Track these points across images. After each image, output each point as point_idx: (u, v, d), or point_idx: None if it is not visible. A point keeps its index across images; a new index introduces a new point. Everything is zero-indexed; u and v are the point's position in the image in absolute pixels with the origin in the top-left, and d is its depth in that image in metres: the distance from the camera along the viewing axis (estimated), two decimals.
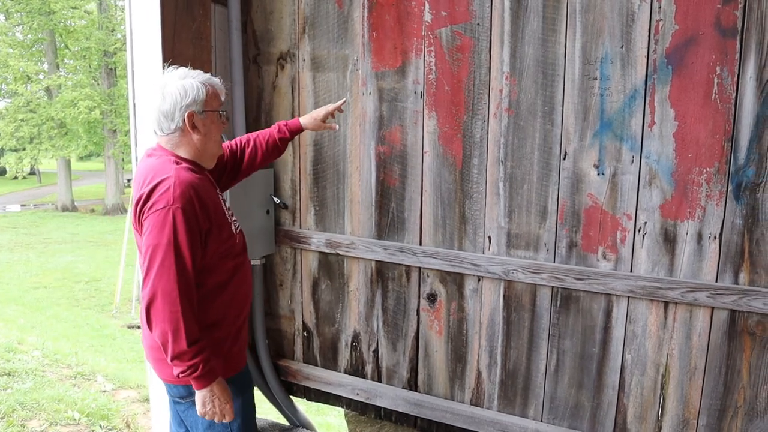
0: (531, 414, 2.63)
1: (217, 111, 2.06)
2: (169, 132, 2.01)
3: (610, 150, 2.30)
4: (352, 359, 3.04)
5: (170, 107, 1.97)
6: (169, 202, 1.85)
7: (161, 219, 1.85)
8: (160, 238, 1.84)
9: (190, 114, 1.98)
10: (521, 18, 2.38)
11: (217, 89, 2.07)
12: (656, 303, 2.32)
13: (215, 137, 2.07)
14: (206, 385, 1.93)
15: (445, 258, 2.66)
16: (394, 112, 2.70)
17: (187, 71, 2.04)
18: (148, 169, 1.97)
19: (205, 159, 2.09)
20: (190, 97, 1.97)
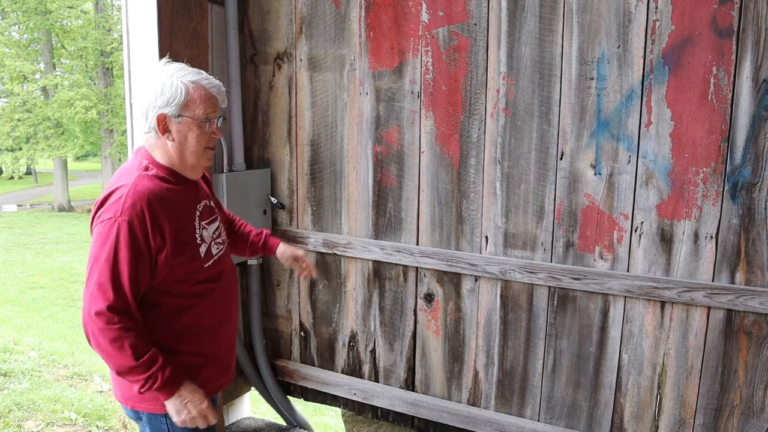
0: (528, 414, 2.63)
1: (200, 119, 1.80)
2: (146, 132, 1.83)
3: (607, 150, 2.31)
4: (350, 359, 3.04)
5: (145, 105, 1.80)
6: (116, 213, 1.69)
7: (105, 230, 1.69)
8: (100, 251, 1.69)
9: (161, 116, 1.78)
10: (518, 18, 2.38)
11: (207, 94, 1.82)
12: (653, 303, 2.32)
13: (193, 147, 1.82)
14: (172, 392, 1.78)
15: (442, 258, 2.66)
16: (391, 112, 2.70)
17: (181, 68, 1.82)
18: (118, 173, 1.84)
19: (184, 169, 1.87)
20: (165, 97, 1.77)
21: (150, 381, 1.72)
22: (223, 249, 2.00)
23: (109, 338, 1.68)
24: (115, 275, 1.68)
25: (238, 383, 3.22)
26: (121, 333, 1.68)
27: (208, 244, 1.90)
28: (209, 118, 1.83)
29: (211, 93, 1.84)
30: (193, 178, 1.92)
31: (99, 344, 1.70)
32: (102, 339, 1.68)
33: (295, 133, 2.97)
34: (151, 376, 1.72)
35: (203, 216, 1.92)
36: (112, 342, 1.68)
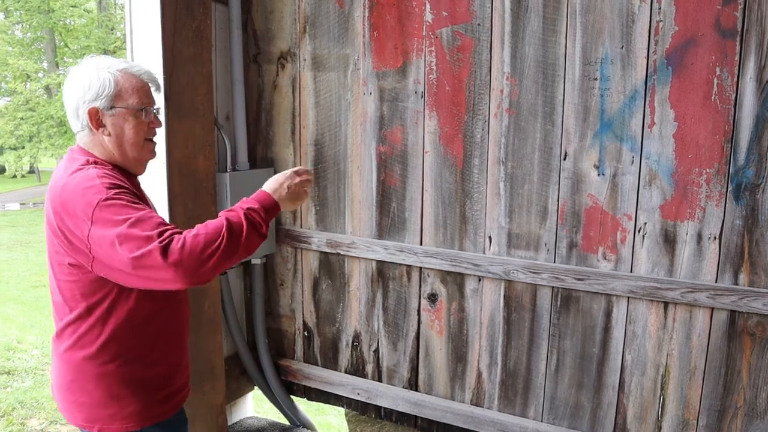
0: (531, 414, 2.63)
1: (135, 108, 1.72)
2: (79, 130, 1.73)
3: (611, 150, 2.31)
4: (353, 359, 3.04)
5: (74, 102, 1.70)
6: (100, 192, 1.56)
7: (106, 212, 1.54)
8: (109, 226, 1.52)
9: (92, 110, 1.68)
10: (522, 18, 2.38)
11: (138, 82, 1.73)
12: (656, 303, 2.32)
13: (132, 139, 1.73)
14: (273, 204, 1.73)
15: (446, 258, 2.66)
16: (395, 112, 2.70)
17: (104, 60, 1.73)
18: (58, 176, 1.69)
19: (127, 164, 1.77)
20: (93, 90, 1.67)
21: (251, 226, 1.64)
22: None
23: (200, 250, 1.51)
24: (138, 222, 1.52)
25: (241, 382, 3.23)
26: (195, 234, 1.53)
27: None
28: (145, 107, 1.74)
29: (143, 80, 1.75)
30: (138, 173, 1.84)
31: (205, 260, 1.52)
32: (200, 252, 1.51)
33: (298, 133, 2.97)
34: (251, 221, 1.64)
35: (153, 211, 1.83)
36: (205, 248, 1.52)
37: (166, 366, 1.83)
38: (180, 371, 1.90)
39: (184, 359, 1.93)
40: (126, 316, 1.70)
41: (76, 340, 1.71)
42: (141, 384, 1.75)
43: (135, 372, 1.74)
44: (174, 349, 1.86)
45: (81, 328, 1.70)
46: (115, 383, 1.72)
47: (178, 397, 1.88)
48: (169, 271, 1.49)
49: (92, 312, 1.68)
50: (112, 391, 1.72)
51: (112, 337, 1.70)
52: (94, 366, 1.71)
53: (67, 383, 1.75)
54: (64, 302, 1.71)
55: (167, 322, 1.82)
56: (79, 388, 1.73)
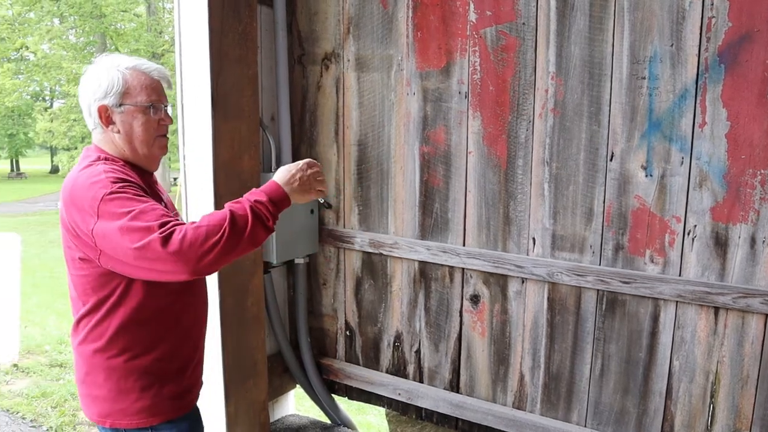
0: (574, 419, 2.59)
1: (144, 105, 1.72)
2: (93, 128, 1.76)
3: (659, 151, 2.25)
4: (394, 359, 3.04)
5: (87, 101, 1.73)
6: (104, 187, 1.58)
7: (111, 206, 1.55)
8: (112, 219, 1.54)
9: (102, 108, 1.70)
10: (567, 17, 2.35)
11: (147, 79, 1.74)
12: (706, 308, 2.26)
13: (141, 137, 1.74)
14: (284, 197, 1.69)
15: (489, 259, 2.64)
16: (439, 113, 2.69)
17: (115, 58, 1.75)
18: (73, 173, 1.71)
19: (138, 160, 1.78)
20: (102, 88, 1.69)
21: (257, 219, 1.60)
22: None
23: (201, 241, 1.50)
24: (141, 214, 1.53)
25: (283, 380, 3.26)
26: (197, 225, 1.53)
27: None
28: (154, 104, 1.74)
29: (152, 77, 1.76)
30: (151, 170, 1.85)
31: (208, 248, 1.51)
32: (200, 243, 1.51)
33: (342, 133, 2.99)
34: (257, 214, 1.61)
35: (168, 208, 1.85)
36: (206, 240, 1.51)
37: (176, 362, 1.81)
38: (192, 368, 1.87)
39: (197, 356, 1.90)
40: (133, 309, 1.70)
41: (87, 334, 1.73)
42: (150, 379, 1.74)
43: (143, 367, 1.73)
44: (185, 345, 1.84)
45: (92, 321, 1.71)
46: (123, 377, 1.72)
47: (190, 395, 1.87)
48: (170, 261, 1.49)
49: (102, 305, 1.69)
50: (121, 385, 1.73)
51: (120, 330, 1.70)
52: (102, 359, 1.72)
53: (82, 377, 1.77)
54: (77, 297, 1.74)
55: (178, 318, 1.79)
56: (92, 381, 1.75)
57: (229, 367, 2.71)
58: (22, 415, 4.09)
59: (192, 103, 2.65)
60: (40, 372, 4.86)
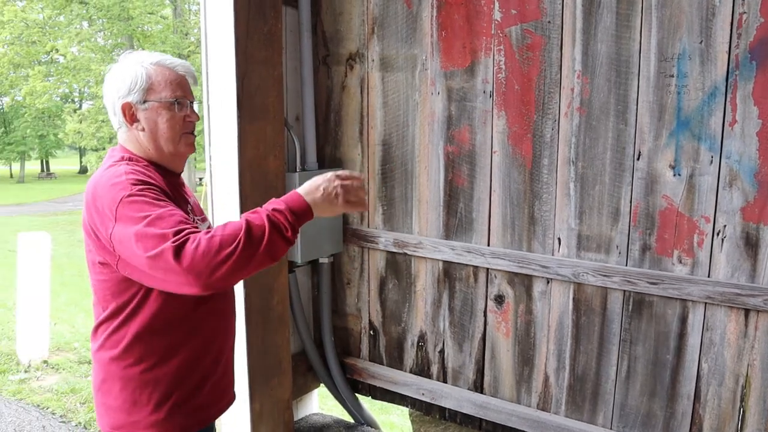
0: (600, 421, 2.56)
1: (168, 101, 1.66)
2: (118, 127, 1.70)
3: (687, 150, 2.22)
4: (418, 359, 3.04)
5: (111, 99, 1.67)
6: (124, 189, 1.51)
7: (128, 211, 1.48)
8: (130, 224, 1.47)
9: (125, 105, 1.65)
10: (594, 14, 2.32)
11: (172, 75, 1.68)
12: (736, 310, 2.22)
13: (167, 134, 1.67)
14: (306, 208, 1.58)
15: (514, 259, 2.62)
16: (463, 112, 2.69)
17: (138, 54, 1.70)
18: (98, 173, 1.66)
19: (164, 160, 1.71)
20: (126, 85, 1.64)
21: (275, 229, 1.50)
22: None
23: (214, 252, 1.41)
24: (157, 220, 1.45)
25: (307, 379, 3.28)
26: (211, 236, 1.42)
27: None
28: (178, 100, 1.67)
29: (176, 72, 1.69)
30: (178, 170, 1.78)
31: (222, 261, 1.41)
32: (213, 256, 1.41)
33: (366, 133, 3.00)
34: (274, 224, 1.50)
35: (195, 212, 1.79)
36: (219, 251, 1.41)
37: (195, 375, 1.71)
38: (213, 383, 1.77)
39: (219, 370, 1.79)
40: (150, 318, 1.62)
41: (104, 341, 1.66)
42: (166, 392, 1.66)
43: (159, 378, 1.65)
44: (205, 357, 1.73)
45: (110, 328, 1.65)
46: (139, 388, 1.65)
47: (207, 412, 1.77)
48: (180, 274, 1.40)
49: (120, 312, 1.62)
50: (136, 396, 1.65)
51: (136, 339, 1.62)
52: (119, 368, 1.65)
53: (99, 384, 1.71)
54: (98, 302, 1.68)
55: (196, 328, 1.69)
56: (107, 390, 1.68)
57: (254, 365, 2.73)
58: (52, 411, 4.16)
59: (218, 103, 2.67)
60: (69, 368, 4.95)
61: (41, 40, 22.83)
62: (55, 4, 22.09)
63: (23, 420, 4.01)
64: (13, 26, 22.49)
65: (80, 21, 22.96)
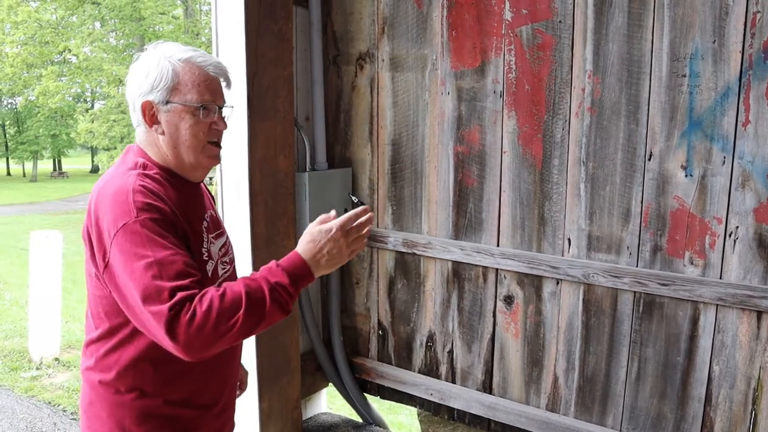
0: (609, 422, 2.55)
1: (193, 105, 1.48)
2: (137, 125, 1.53)
3: (699, 150, 2.20)
4: (427, 359, 3.04)
5: (132, 94, 1.51)
6: (129, 215, 1.36)
7: (125, 242, 1.35)
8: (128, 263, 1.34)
9: (146, 104, 1.48)
10: (605, 14, 2.31)
11: (202, 74, 1.49)
12: (748, 312, 2.20)
13: (188, 141, 1.50)
14: (307, 273, 1.43)
15: (523, 260, 2.61)
16: (473, 112, 2.68)
17: (169, 47, 1.51)
18: (108, 175, 1.52)
19: (183, 169, 1.54)
20: (149, 80, 1.47)
21: (276, 302, 1.37)
22: (230, 270, 1.68)
23: (210, 329, 1.28)
24: (156, 267, 1.31)
25: (316, 378, 3.28)
26: (207, 309, 1.29)
27: (215, 262, 1.58)
28: (206, 105, 1.50)
29: (207, 73, 1.50)
30: (196, 180, 1.61)
31: (214, 338, 1.30)
32: (209, 333, 1.29)
33: (376, 133, 3.00)
34: (276, 300, 1.37)
35: (210, 228, 1.61)
36: (215, 328, 1.29)
37: (192, 408, 1.57)
38: (212, 417, 1.63)
39: (222, 399, 1.66)
40: (148, 344, 1.45)
41: (96, 362, 1.52)
42: (159, 423, 1.52)
43: (153, 409, 1.51)
44: (208, 388, 1.60)
45: (102, 349, 1.51)
46: (129, 416, 1.50)
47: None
48: (169, 345, 1.29)
49: (114, 335, 1.48)
50: (125, 424, 1.50)
51: (131, 365, 1.48)
52: (109, 393, 1.50)
53: (85, 406, 1.58)
54: (90, 316, 1.54)
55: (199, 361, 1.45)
56: (95, 414, 1.54)
57: (262, 364, 2.74)
58: (63, 408, 4.20)
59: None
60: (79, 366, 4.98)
61: (54, 41, 22.98)
62: (68, 4, 22.25)
63: (35, 417, 4.05)
64: (27, 26, 22.66)
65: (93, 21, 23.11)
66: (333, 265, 1.47)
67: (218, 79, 1.54)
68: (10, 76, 24.36)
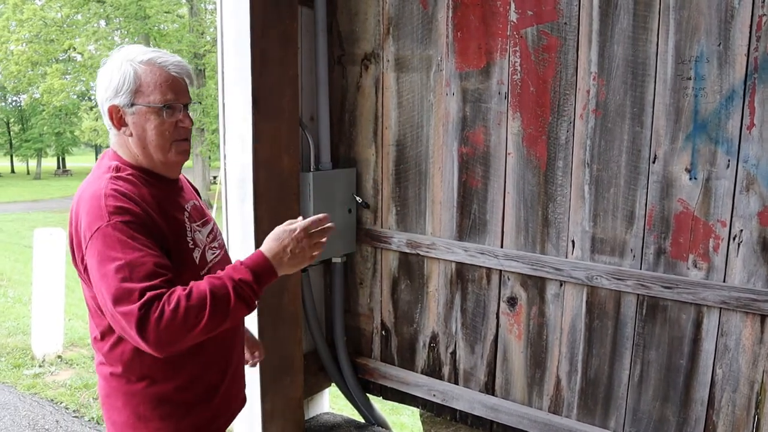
0: (611, 425, 2.54)
1: (157, 105, 1.52)
2: (109, 128, 1.58)
3: (704, 153, 2.20)
4: (430, 360, 3.04)
5: (99, 98, 1.55)
6: (102, 219, 1.41)
7: (98, 246, 1.41)
8: (101, 266, 1.40)
9: (112, 108, 1.52)
10: (611, 16, 2.31)
11: (163, 75, 1.53)
12: (752, 316, 2.19)
13: (155, 141, 1.54)
14: (269, 271, 1.51)
15: (527, 261, 2.61)
16: (478, 113, 2.68)
17: (131, 50, 1.55)
18: (86, 181, 1.58)
19: (155, 167, 1.59)
20: (113, 85, 1.50)
21: (241, 298, 1.45)
22: (220, 255, 1.73)
23: (177, 327, 1.36)
24: (126, 269, 1.37)
25: (318, 378, 3.28)
26: (175, 307, 1.35)
27: (201, 249, 1.63)
28: (169, 105, 1.54)
29: (169, 73, 1.54)
30: (171, 177, 1.66)
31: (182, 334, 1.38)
32: (177, 330, 1.36)
33: (380, 133, 3.00)
34: (240, 295, 1.44)
35: (193, 217, 1.66)
36: (182, 326, 1.36)
37: (200, 389, 1.65)
38: (221, 394, 1.70)
39: (225, 380, 1.72)
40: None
41: (105, 356, 1.59)
42: (171, 407, 1.60)
43: (164, 394, 1.58)
44: (210, 371, 1.67)
45: (106, 345, 1.57)
46: (142, 403, 1.58)
47: (217, 423, 1.71)
48: (139, 342, 1.36)
49: (114, 330, 1.52)
50: (140, 411, 1.58)
51: (137, 356, 1.53)
52: (121, 383, 1.58)
53: (103, 398, 1.65)
54: (90, 316, 1.62)
55: (202, 343, 1.53)
56: (111, 405, 1.62)
57: (265, 364, 2.74)
58: (66, 406, 4.20)
59: (233, 102, 2.68)
60: (82, 364, 4.99)
61: (59, 39, 23.03)
62: (73, 2, 22.29)
63: (37, 414, 4.05)
64: (32, 24, 22.71)
65: (97, 19, 23.14)
66: (296, 265, 1.55)
67: (181, 78, 1.57)
68: (15, 74, 24.41)
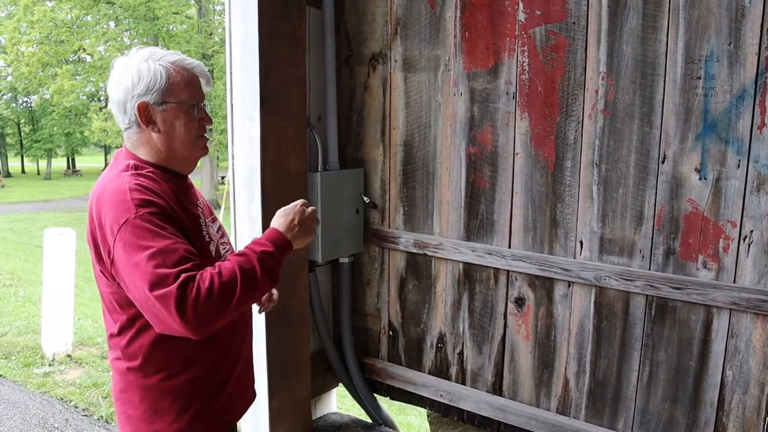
0: (620, 426, 2.53)
1: (187, 104, 1.63)
2: (126, 127, 1.64)
3: (714, 153, 2.19)
4: (437, 360, 3.03)
5: (122, 96, 1.59)
6: (128, 213, 1.47)
7: (126, 239, 1.46)
8: (131, 257, 1.45)
9: (142, 105, 1.58)
10: (619, 15, 2.30)
11: (191, 76, 1.64)
12: (762, 317, 2.18)
13: (183, 137, 1.64)
14: (285, 244, 1.63)
15: (535, 262, 2.61)
16: (486, 113, 2.67)
17: (154, 51, 1.63)
18: (102, 180, 1.62)
19: (176, 163, 1.68)
20: (144, 83, 1.57)
21: (270, 267, 1.55)
22: (229, 250, 1.80)
23: (214, 306, 1.42)
24: (159, 256, 1.42)
25: (326, 378, 3.28)
26: (210, 286, 1.42)
27: (215, 242, 1.73)
28: (196, 103, 1.66)
29: (195, 74, 1.65)
30: (186, 173, 1.75)
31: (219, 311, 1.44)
32: (214, 307, 1.42)
33: (388, 134, 3.00)
34: (265, 267, 1.53)
35: (205, 213, 1.76)
36: (218, 304, 1.43)
37: (214, 381, 1.71)
38: (233, 387, 1.77)
39: (237, 374, 1.79)
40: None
41: (122, 351, 1.64)
42: (187, 400, 1.65)
43: (179, 387, 1.64)
44: (223, 363, 1.73)
45: (124, 340, 1.62)
46: (158, 398, 1.63)
47: (229, 415, 1.78)
48: (178, 323, 1.40)
49: (132, 324, 1.60)
50: (157, 405, 1.64)
51: (153, 349, 1.60)
52: (138, 378, 1.63)
53: (118, 394, 1.69)
54: (107, 312, 1.66)
55: (215, 337, 1.61)
56: (127, 399, 1.66)
57: (273, 364, 2.75)
58: (75, 404, 4.22)
59: (241, 103, 2.69)
60: (92, 363, 5.02)
61: (69, 40, 23.17)
62: (83, 4, 22.42)
63: (47, 412, 4.08)
64: (43, 26, 22.86)
65: (107, 21, 23.28)
66: (304, 236, 1.69)
67: (201, 79, 1.69)
68: (26, 75, 24.60)
